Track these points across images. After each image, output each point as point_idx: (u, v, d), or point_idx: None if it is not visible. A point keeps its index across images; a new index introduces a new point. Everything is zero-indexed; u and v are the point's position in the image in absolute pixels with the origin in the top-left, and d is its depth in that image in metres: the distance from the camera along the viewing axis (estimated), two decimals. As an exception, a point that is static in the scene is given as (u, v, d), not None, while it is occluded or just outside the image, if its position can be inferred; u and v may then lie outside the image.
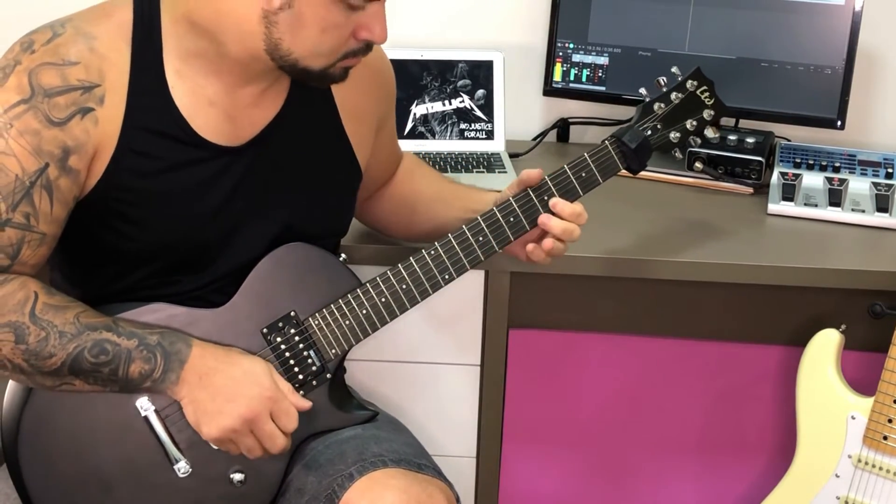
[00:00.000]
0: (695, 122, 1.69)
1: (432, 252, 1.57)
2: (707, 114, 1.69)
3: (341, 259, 1.61)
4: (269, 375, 1.49)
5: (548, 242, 1.58)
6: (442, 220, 1.72)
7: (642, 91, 1.69)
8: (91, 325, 1.43)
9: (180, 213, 1.50)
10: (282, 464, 1.58)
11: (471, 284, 1.90)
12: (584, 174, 1.61)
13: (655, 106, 1.66)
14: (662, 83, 1.68)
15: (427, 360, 1.98)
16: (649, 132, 1.65)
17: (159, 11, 1.46)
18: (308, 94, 1.57)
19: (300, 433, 1.58)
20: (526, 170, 1.60)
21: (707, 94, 1.69)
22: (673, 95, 1.67)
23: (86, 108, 1.42)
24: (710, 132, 1.71)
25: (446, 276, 1.58)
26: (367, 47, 1.47)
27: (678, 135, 1.67)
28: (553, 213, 1.58)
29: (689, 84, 1.68)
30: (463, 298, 1.92)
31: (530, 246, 1.60)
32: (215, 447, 1.51)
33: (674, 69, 1.69)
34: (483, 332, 1.95)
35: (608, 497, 2.12)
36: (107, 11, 1.47)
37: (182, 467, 1.53)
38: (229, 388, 1.46)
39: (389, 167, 1.79)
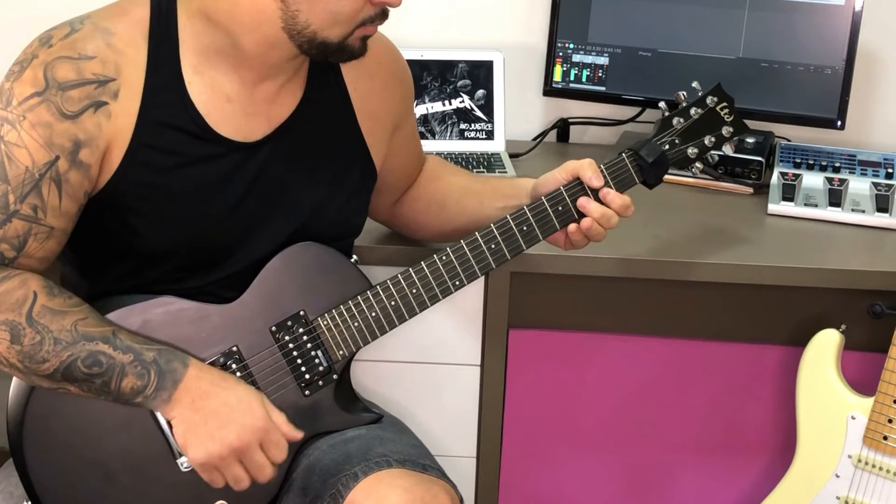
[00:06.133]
0: (713, 139, 1.66)
1: (444, 258, 1.57)
2: (726, 131, 1.66)
3: (353, 260, 1.61)
4: (263, 405, 1.48)
5: (586, 222, 1.58)
6: (473, 214, 1.71)
7: (661, 105, 1.66)
8: (88, 335, 1.43)
9: (195, 209, 1.50)
10: (284, 462, 1.58)
11: (471, 284, 1.89)
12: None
13: (674, 121, 1.64)
14: (683, 97, 1.66)
15: (427, 361, 1.98)
16: (667, 147, 1.63)
17: (176, 8, 1.47)
18: (324, 92, 1.57)
19: (305, 432, 1.58)
20: (583, 162, 1.59)
21: (727, 111, 1.66)
22: (692, 111, 1.65)
23: (99, 102, 1.42)
24: (727, 149, 1.68)
25: (457, 283, 1.58)
26: (383, 14, 1.47)
27: (696, 150, 1.65)
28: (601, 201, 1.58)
29: (709, 100, 1.66)
30: (463, 298, 1.92)
31: (572, 227, 1.59)
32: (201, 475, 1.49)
33: (694, 84, 1.67)
34: (483, 332, 1.95)
35: (608, 497, 2.12)
36: (124, 9, 1.48)
37: (185, 462, 1.52)
38: (222, 414, 1.45)
39: (412, 169, 1.78)
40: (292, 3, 1.40)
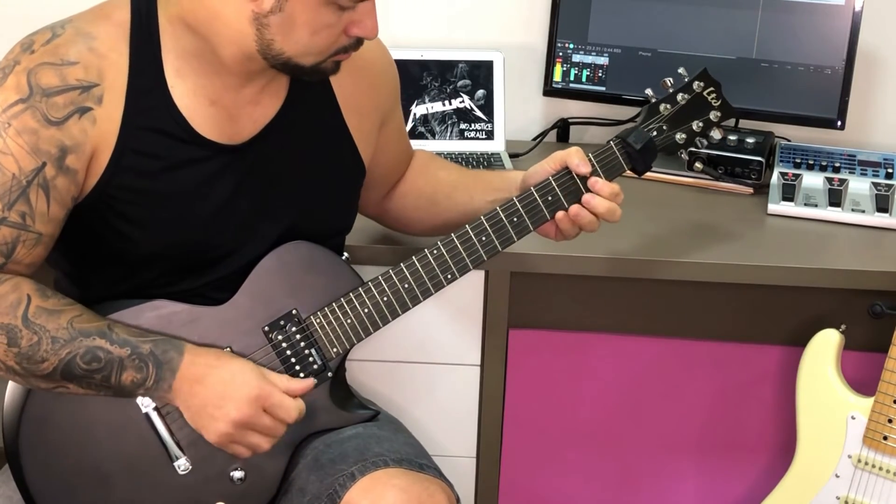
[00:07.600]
0: (701, 124, 1.66)
1: (435, 252, 1.57)
2: (714, 115, 1.66)
3: (343, 258, 1.61)
4: (257, 374, 1.49)
5: (574, 209, 1.57)
6: (463, 208, 1.71)
7: (648, 92, 1.67)
8: (84, 331, 1.43)
9: (183, 213, 1.50)
10: (282, 462, 1.58)
11: (471, 284, 1.90)
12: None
13: (661, 107, 1.64)
14: (669, 84, 1.66)
15: (427, 360, 1.98)
16: (654, 133, 1.63)
17: (157, 11, 1.46)
18: (309, 91, 1.57)
19: (301, 432, 1.58)
20: (570, 150, 1.59)
21: (714, 95, 1.66)
22: (679, 96, 1.65)
23: (84, 108, 1.42)
24: (715, 133, 1.68)
25: (448, 277, 1.58)
26: (359, 42, 1.47)
27: (684, 136, 1.65)
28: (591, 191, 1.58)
29: (695, 85, 1.66)
30: (463, 298, 1.92)
31: (559, 214, 1.58)
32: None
33: (681, 70, 1.67)
34: (483, 332, 1.95)
35: (608, 497, 2.12)
36: (106, 12, 1.47)
37: (182, 464, 1.53)
38: (217, 393, 1.46)
39: (400, 163, 1.79)
40: (267, 32, 1.40)
